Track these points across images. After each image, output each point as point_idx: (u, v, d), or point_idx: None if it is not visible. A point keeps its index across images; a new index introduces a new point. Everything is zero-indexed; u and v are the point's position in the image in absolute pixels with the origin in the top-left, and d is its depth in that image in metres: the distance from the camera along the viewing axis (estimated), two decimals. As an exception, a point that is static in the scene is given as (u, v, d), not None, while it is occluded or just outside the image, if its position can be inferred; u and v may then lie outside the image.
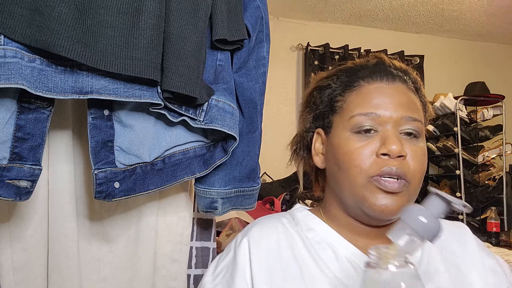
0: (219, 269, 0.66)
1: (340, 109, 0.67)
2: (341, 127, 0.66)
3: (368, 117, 0.63)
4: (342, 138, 0.65)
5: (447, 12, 3.27)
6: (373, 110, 0.63)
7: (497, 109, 3.18)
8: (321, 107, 0.71)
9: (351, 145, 0.63)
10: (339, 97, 0.68)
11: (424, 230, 0.44)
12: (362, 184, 0.61)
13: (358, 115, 0.63)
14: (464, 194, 3.01)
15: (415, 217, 0.45)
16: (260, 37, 0.98)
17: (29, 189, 0.74)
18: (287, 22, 3.40)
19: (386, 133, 0.61)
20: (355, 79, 0.68)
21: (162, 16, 0.76)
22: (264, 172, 2.88)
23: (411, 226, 0.45)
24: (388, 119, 0.62)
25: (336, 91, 0.69)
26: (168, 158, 0.89)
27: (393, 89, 0.65)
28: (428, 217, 0.45)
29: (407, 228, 0.45)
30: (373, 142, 0.62)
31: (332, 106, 0.69)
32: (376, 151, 0.61)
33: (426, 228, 0.44)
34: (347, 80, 0.68)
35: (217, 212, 0.96)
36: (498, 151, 3.14)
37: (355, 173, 0.61)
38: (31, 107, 0.73)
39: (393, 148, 0.59)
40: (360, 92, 0.66)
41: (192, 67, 0.79)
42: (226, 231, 1.76)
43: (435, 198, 0.47)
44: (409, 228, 0.45)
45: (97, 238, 0.92)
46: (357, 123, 0.63)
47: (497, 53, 3.84)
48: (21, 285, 0.84)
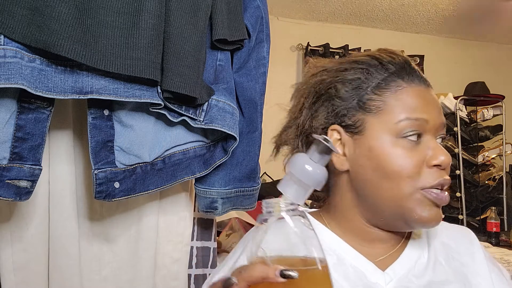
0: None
1: (377, 109, 0.61)
2: (383, 131, 0.60)
3: (417, 123, 0.59)
4: (386, 143, 0.59)
5: (447, 12, 3.27)
6: (420, 115, 0.59)
7: (497, 109, 3.18)
8: (346, 103, 0.63)
9: (400, 152, 0.59)
10: (373, 95, 0.61)
11: (309, 178, 0.46)
12: (410, 194, 0.58)
13: (407, 120, 0.59)
14: (464, 194, 3.01)
15: (300, 167, 0.46)
16: (260, 37, 0.98)
17: (29, 189, 0.74)
18: (287, 22, 3.40)
19: (432, 142, 0.60)
20: (393, 78, 0.61)
21: (162, 16, 0.76)
22: (264, 172, 2.88)
23: (296, 176, 0.46)
24: (433, 125, 0.61)
25: (369, 87, 0.62)
26: (168, 158, 0.89)
27: (430, 93, 0.63)
28: (311, 165, 0.46)
29: (293, 178, 0.46)
30: (421, 151, 0.59)
31: (363, 103, 0.61)
32: (426, 161, 0.59)
33: (310, 176, 0.46)
34: (383, 78, 0.62)
35: (217, 212, 0.96)
36: (498, 151, 3.14)
37: (405, 182, 0.58)
38: (31, 107, 0.73)
39: (443, 159, 0.59)
40: (403, 94, 0.61)
41: (192, 67, 0.79)
42: (226, 231, 1.76)
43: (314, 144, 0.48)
44: (295, 178, 0.46)
45: (97, 238, 0.92)
46: (405, 128, 0.59)
47: (497, 53, 3.84)
48: (22, 285, 0.84)
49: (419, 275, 0.62)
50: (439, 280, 0.62)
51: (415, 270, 0.62)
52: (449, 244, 0.68)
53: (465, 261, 0.66)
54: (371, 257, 0.62)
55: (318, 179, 0.46)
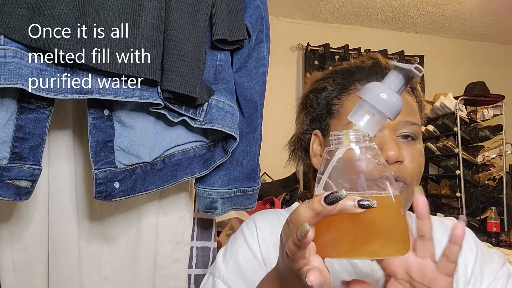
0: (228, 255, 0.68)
1: (337, 112, 0.67)
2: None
3: None
4: None
5: (447, 12, 3.27)
6: None
7: (497, 109, 3.18)
8: (318, 110, 0.70)
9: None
10: (335, 100, 0.68)
11: (385, 106, 0.43)
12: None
13: None
14: (464, 194, 3.01)
15: (374, 94, 0.43)
16: (260, 37, 0.98)
17: (29, 189, 0.74)
18: (287, 22, 3.40)
19: (383, 138, 0.61)
20: (351, 81, 0.67)
21: (162, 16, 0.76)
22: (264, 172, 2.88)
23: (370, 104, 0.43)
24: (386, 124, 0.61)
25: (332, 94, 0.69)
26: (168, 158, 0.89)
27: None
28: (387, 92, 0.43)
29: (366, 106, 0.43)
30: None
31: (329, 109, 0.69)
32: None
33: (386, 103, 0.43)
34: (343, 83, 0.68)
35: (217, 212, 0.96)
36: (498, 151, 3.14)
37: None
38: (31, 107, 0.73)
39: (391, 154, 0.59)
40: (356, 96, 0.64)
41: (192, 67, 0.79)
42: (226, 231, 1.76)
43: (392, 72, 0.44)
44: (368, 106, 0.43)
45: (97, 238, 0.92)
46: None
47: (497, 53, 3.84)
48: (21, 285, 0.84)
49: None
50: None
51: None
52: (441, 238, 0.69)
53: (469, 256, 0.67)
54: None
55: (394, 107, 0.43)
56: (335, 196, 0.36)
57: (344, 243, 0.39)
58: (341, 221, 0.39)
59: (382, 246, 0.39)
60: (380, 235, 0.39)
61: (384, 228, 0.39)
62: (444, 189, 3.26)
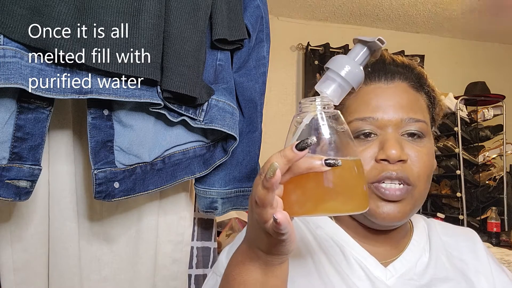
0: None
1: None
2: None
3: (366, 122, 0.60)
4: None
5: (448, 12, 3.27)
6: (371, 114, 0.60)
7: (498, 109, 3.18)
8: None
9: None
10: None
11: (348, 75, 0.47)
12: None
13: (356, 120, 0.61)
14: (464, 194, 3.00)
15: (340, 65, 0.48)
16: (260, 37, 0.98)
17: (28, 189, 0.74)
18: (287, 22, 3.40)
19: (385, 137, 0.59)
20: None
21: (162, 16, 0.76)
22: (264, 172, 2.88)
23: (336, 73, 0.48)
24: (387, 122, 0.60)
25: None
26: (168, 158, 0.89)
27: (393, 89, 0.62)
28: (351, 64, 0.48)
29: (332, 76, 0.48)
30: (372, 147, 0.59)
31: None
32: (375, 156, 0.59)
33: (350, 73, 0.48)
34: None
35: (217, 212, 0.96)
36: (499, 151, 3.14)
37: None
38: (31, 107, 0.73)
39: (392, 152, 0.57)
40: (358, 94, 0.62)
41: (192, 67, 0.79)
42: (226, 231, 1.76)
43: (357, 45, 0.50)
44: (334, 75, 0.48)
45: (97, 238, 0.92)
46: (355, 128, 0.60)
47: (498, 53, 3.84)
48: (21, 285, 0.84)
49: (420, 274, 0.62)
50: (440, 277, 0.63)
51: (416, 269, 0.63)
52: (450, 242, 0.69)
53: (466, 258, 0.66)
54: (373, 254, 0.63)
55: (357, 77, 0.48)
56: (306, 142, 0.39)
57: (309, 201, 0.42)
58: (306, 181, 0.42)
59: (342, 203, 0.43)
60: (341, 193, 0.43)
61: (345, 187, 0.43)
62: (445, 189, 3.26)
